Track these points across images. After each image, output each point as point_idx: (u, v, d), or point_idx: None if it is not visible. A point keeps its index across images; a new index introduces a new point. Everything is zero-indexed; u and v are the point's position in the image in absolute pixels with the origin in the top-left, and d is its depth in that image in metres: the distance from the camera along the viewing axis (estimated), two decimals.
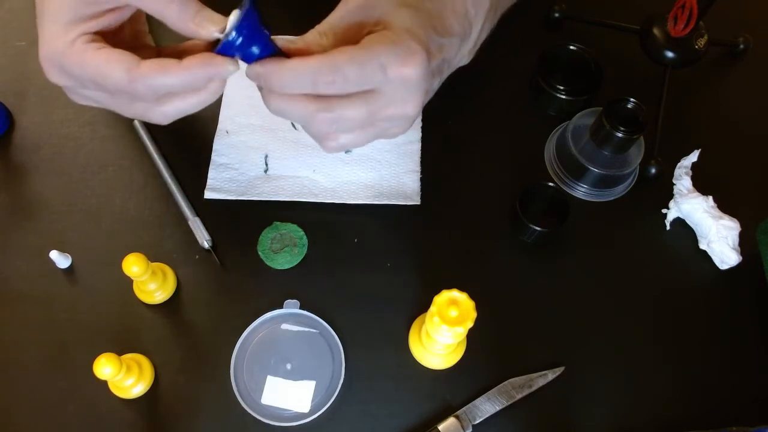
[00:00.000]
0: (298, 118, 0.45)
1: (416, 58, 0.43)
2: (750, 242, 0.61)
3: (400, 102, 0.45)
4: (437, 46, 0.46)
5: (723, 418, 0.54)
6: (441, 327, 0.48)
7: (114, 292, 0.58)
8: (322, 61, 0.42)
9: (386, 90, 0.44)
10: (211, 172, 0.63)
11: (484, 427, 0.54)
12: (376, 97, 0.44)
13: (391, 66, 0.43)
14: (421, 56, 0.43)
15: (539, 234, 0.59)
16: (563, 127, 0.65)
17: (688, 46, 0.65)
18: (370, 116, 0.45)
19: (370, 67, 0.42)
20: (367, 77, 0.43)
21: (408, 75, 0.44)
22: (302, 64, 0.42)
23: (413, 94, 0.45)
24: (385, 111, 0.45)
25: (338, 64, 0.42)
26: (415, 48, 0.43)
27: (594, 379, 0.56)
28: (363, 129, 0.46)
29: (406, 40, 0.43)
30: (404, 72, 0.43)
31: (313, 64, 0.42)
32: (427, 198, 0.62)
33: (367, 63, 0.42)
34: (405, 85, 0.44)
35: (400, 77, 0.43)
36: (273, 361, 0.56)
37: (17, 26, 0.70)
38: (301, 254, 0.60)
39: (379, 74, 0.43)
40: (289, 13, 0.69)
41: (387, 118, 0.46)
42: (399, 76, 0.43)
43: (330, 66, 0.42)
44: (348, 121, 0.45)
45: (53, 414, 0.54)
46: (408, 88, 0.45)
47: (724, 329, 0.59)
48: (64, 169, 0.63)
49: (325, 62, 0.42)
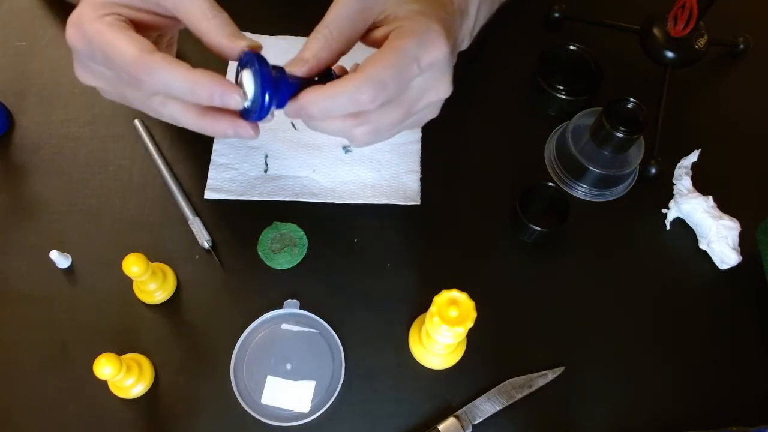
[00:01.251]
0: (336, 133, 0.45)
1: (440, 38, 0.43)
2: (750, 242, 0.61)
3: (433, 89, 0.45)
4: (451, 24, 0.46)
5: (723, 418, 0.54)
6: (441, 327, 0.48)
7: (114, 292, 0.58)
8: (360, 82, 0.41)
9: (419, 82, 0.44)
10: (211, 172, 0.63)
11: (484, 427, 0.54)
12: (408, 93, 0.44)
13: (422, 56, 0.42)
14: (443, 36, 0.43)
15: (539, 234, 0.59)
16: (563, 127, 0.65)
17: (688, 46, 0.65)
18: (405, 114, 0.45)
19: (405, 68, 0.42)
20: (405, 79, 0.43)
21: (437, 58, 0.43)
22: (337, 89, 0.42)
23: (444, 74, 0.45)
24: (420, 103, 0.45)
25: (377, 79, 0.41)
26: (436, 29, 0.43)
27: (594, 379, 0.56)
28: (399, 125, 0.46)
29: (425, 25, 0.43)
30: (433, 56, 0.43)
31: (349, 86, 0.41)
32: (427, 198, 0.62)
33: (402, 65, 0.42)
34: (435, 69, 0.44)
35: (430, 63, 0.43)
36: (273, 361, 0.56)
37: (17, 26, 0.70)
38: (301, 254, 0.60)
39: (415, 69, 0.43)
40: (284, 13, 0.69)
41: (421, 109, 0.46)
42: (429, 63, 0.43)
43: (369, 83, 0.41)
44: (386, 126, 0.45)
45: (53, 414, 0.54)
46: (439, 71, 0.44)
47: (724, 329, 0.59)
48: (64, 169, 0.63)
49: (362, 82, 0.41)
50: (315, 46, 0.44)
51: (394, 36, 0.43)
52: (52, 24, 0.69)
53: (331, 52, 0.44)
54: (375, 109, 0.43)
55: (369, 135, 0.45)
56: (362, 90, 0.41)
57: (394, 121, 0.45)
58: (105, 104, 0.66)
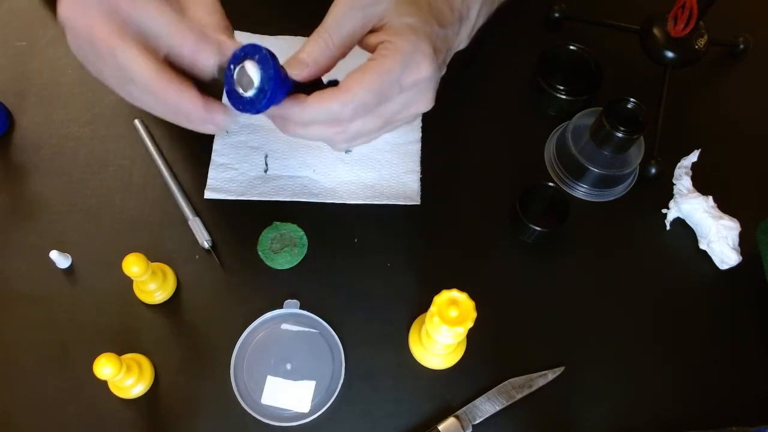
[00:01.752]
0: (315, 138, 0.46)
1: (426, 60, 0.44)
2: (750, 242, 0.61)
3: (414, 104, 0.46)
4: (442, 39, 0.46)
5: (723, 418, 0.54)
6: (441, 327, 0.48)
7: (114, 292, 0.58)
8: (342, 99, 0.42)
9: (401, 98, 0.44)
10: (211, 172, 0.63)
11: (484, 427, 0.54)
12: (388, 107, 0.45)
13: (405, 77, 0.43)
14: (430, 57, 0.44)
15: (539, 234, 0.59)
16: (563, 127, 0.65)
17: (688, 46, 0.65)
18: (385, 123, 0.46)
19: (388, 88, 0.43)
20: (385, 97, 0.43)
21: (420, 79, 0.44)
22: (320, 105, 0.43)
23: (427, 91, 0.45)
24: (400, 115, 0.46)
25: (359, 100, 0.42)
26: (423, 49, 0.44)
27: (594, 379, 0.56)
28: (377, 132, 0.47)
29: (413, 44, 0.43)
30: (417, 77, 0.44)
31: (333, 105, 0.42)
32: (427, 198, 0.62)
33: (384, 86, 0.43)
34: (418, 88, 0.45)
35: (413, 83, 0.44)
36: (273, 361, 0.56)
37: (17, 26, 0.70)
38: (301, 254, 0.60)
39: (396, 89, 0.43)
40: (285, 13, 0.69)
41: (402, 119, 0.47)
42: (412, 82, 0.44)
43: (350, 101, 0.42)
44: (364, 133, 0.46)
45: (53, 414, 0.54)
46: (421, 90, 0.45)
47: (724, 329, 0.59)
48: (64, 169, 0.63)
49: (344, 99, 0.42)
50: (315, 50, 0.44)
51: (381, 53, 0.43)
52: (52, 24, 0.69)
53: (331, 58, 0.45)
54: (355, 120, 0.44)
55: (346, 141, 0.46)
56: (344, 108, 0.43)
57: (371, 130, 0.46)
58: (105, 104, 0.66)
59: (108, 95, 0.66)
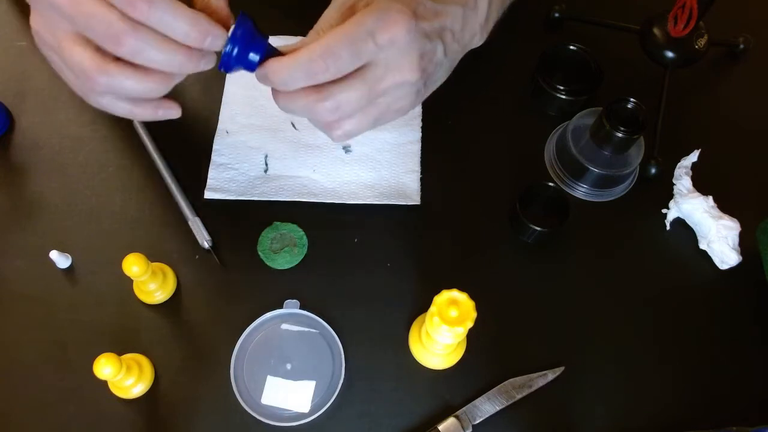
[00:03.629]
0: (302, 111, 0.45)
1: (401, 17, 0.43)
2: (750, 242, 0.61)
3: (395, 68, 0.45)
4: (430, 10, 0.46)
5: (723, 418, 0.54)
6: (441, 327, 0.48)
7: (114, 292, 0.58)
8: (313, 49, 0.42)
9: (379, 60, 0.44)
10: (211, 172, 0.63)
11: (484, 427, 0.54)
12: (371, 70, 0.44)
13: (378, 32, 0.43)
14: (405, 16, 0.43)
15: (539, 234, 0.59)
16: (563, 127, 0.65)
17: (688, 46, 0.65)
18: (370, 93, 0.45)
19: (359, 39, 0.43)
20: (358, 51, 0.43)
21: (396, 36, 0.43)
22: (294, 57, 0.42)
23: (407, 56, 0.45)
24: (384, 82, 0.45)
25: (328, 47, 0.42)
26: (398, 9, 0.44)
27: (594, 379, 0.56)
28: (365, 110, 0.46)
29: (389, 3, 0.44)
30: (392, 34, 0.43)
31: (304, 55, 0.42)
32: (427, 198, 0.62)
33: (355, 36, 0.42)
34: (396, 48, 0.44)
35: (389, 40, 0.43)
36: (273, 361, 0.56)
37: (17, 26, 0.70)
38: (301, 254, 0.60)
39: (370, 44, 0.43)
40: (285, 13, 0.69)
41: (387, 90, 0.46)
42: (388, 40, 0.43)
43: (321, 52, 0.42)
44: (349, 104, 0.45)
45: (53, 414, 0.54)
46: (400, 51, 0.44)
47: (724, 329, 0.59)
48: (64, 169, 0.63)
49: (315, 49, 0.42)
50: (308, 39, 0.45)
51: (357, 14, 0.44)
52: None
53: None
54: (337, 83, 0.44)
55: (332, 113, 0.45)
56: (314, 59, 0.42)
57: (357, 99, 0.45)
58: None
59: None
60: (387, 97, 0.46)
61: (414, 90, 0.47)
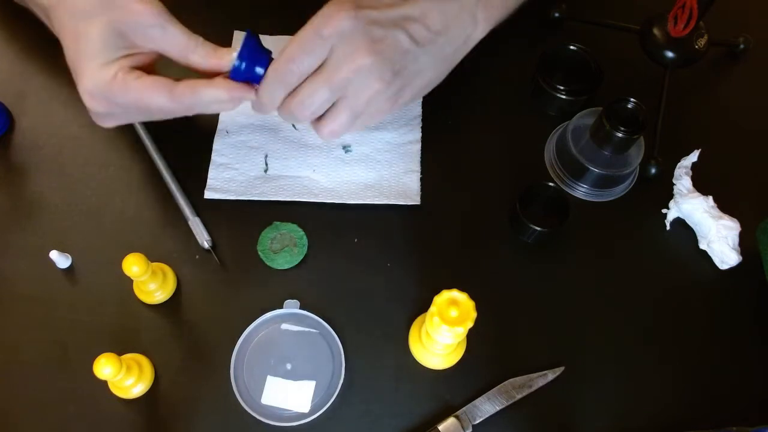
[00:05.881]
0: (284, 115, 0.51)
1: (340, 9, 0.47)
2: (750, 242, 0.61)
3: (347, 55, 0.48)
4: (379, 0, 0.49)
5: (723, 418, 0.54)
6: (441, 327, 0.48)
7: (114, 292, 0.58)
8: (277, 61, 0.48)
9: (333, 53, 0.48)
10: (211, 172, 0.63)
11: (484, 427, 0.54)
12: (327, 63, 0.48)
13: (322, 27, 0.47)
14: (344, 7, 0.48)
15: (539, 234, 0.59)
16: (563, 127, 0.65)
17: (688, 46, 0.65)
18: (330, 83, 0.48)
19: (307, 39, 0.47)
20: (310, 49, 0.48)
21: (338, 26, 0.47)
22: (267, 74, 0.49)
23: (355, 42, 0.48)
24: (341, 71, 0.48)
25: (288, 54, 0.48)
26: (338, 2, 0.48)
27: (594, 379, 0.56)
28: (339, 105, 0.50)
29: (330, 3, 0.48)
30: (333, 25, 0.47)
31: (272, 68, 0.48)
32: (427, 198, 0.62)
33: (304, 37, 0.48)
34: (343, 38, 0.47)
35: (334, 31, 0.47)
36: (273, 361, 0.56)
37: (17, 26, 0.70)
38: (301, 254, 0.60)
39: (317, 40, 0.47)
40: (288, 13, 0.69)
41: (348, 80, 0.48)
42: (333, 31, 0.47)
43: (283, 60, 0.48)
44: (314, 96, 0.49)
45: (53, 414, 0.54)
46: (347, 39, 0.48)
47: (724, 329, 0.59)
48: (64, 169, 0.63)
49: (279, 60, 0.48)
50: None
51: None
52: None
53: None
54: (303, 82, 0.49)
55: (305, 108, 0.50)
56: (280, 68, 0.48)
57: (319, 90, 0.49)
58: None
59: None
60: (352, 87, 0.49)
61: (377, 77, 0.49)
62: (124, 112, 0.52)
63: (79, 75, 0.50)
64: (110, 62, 0.49)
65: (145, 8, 0.48)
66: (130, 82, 0.48)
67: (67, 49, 0.50)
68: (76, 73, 0.50)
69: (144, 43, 0.49)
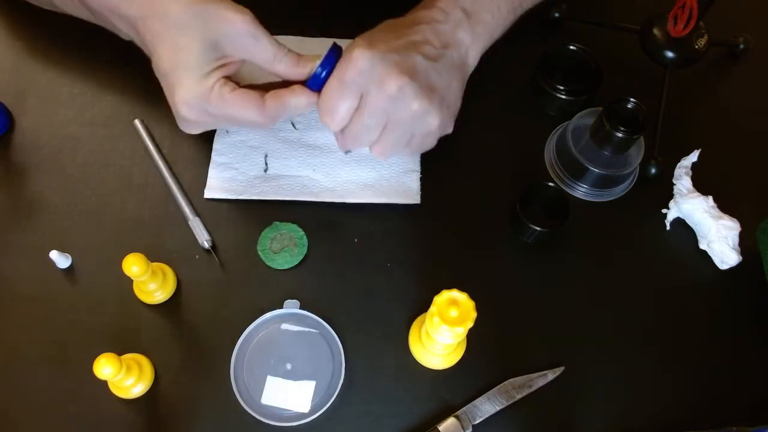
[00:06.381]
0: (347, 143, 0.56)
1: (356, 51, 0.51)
2: (750, 242, 0.61)
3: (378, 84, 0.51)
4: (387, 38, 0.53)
5: (723, 418, 0.54)
6: (441, 327, 0.48)
7: (114, 292, 0.58)
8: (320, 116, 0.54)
9: (364, 89, 0.52)
10: (211, 172, 0.63)
11: (484, 427, 0.54)
12: (364, 99, 0.52)
13: (343, 74, 0.51)
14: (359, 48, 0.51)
15: (539, 234, 0.59)
16: (563, 127, 0.65)
17: (688, 46, 0.65)
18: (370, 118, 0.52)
19: (333, 89, 0.52)
20: (338, 97, 0.52)
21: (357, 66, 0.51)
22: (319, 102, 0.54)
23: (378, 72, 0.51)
24: (377, 102, 0.51)
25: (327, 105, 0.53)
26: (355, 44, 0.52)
27: (594, 379, 0.56)
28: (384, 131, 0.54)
29: (348, 49, 0.52)
30: (353, 67, 0.51)
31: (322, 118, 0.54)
32: (427, 198, 0.62)
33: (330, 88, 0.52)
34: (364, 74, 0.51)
35: (355, 73, 0.51)
36: (273, 361, 0.56)
37: (17, 26, 0.70)
38: (301, 254, 0.60)
39: (342, 86, 0.51)
40: (289, 13, 0.69)
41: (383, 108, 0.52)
42: (354, 74, 0.51)
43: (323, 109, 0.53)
44: (361, 133, 0.54)
45: (53, 414, 0.54)
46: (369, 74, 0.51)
47: (724, 329, 0.59)
48: (64, 169, 0.63)
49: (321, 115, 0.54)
50: None
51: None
52: (53, 23, 0.69)
53: None
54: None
55: (354, 143, 0.55)
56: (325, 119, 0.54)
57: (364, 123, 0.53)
58: (105, 104, 0.66)
59: (108, 95, 0.66)
60: (393, 111, 0.52)
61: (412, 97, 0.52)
62: (214, 121, 0.55)
63: (176, 85, 0.52)
64: (207, 74, 0.51)
65: (242, 18, 0.50)
66: (226, 95, 0.52)
67: (161, 60, 0.52)
68: (172, 83, 0.52)
69: (235, 53, 0.52)
